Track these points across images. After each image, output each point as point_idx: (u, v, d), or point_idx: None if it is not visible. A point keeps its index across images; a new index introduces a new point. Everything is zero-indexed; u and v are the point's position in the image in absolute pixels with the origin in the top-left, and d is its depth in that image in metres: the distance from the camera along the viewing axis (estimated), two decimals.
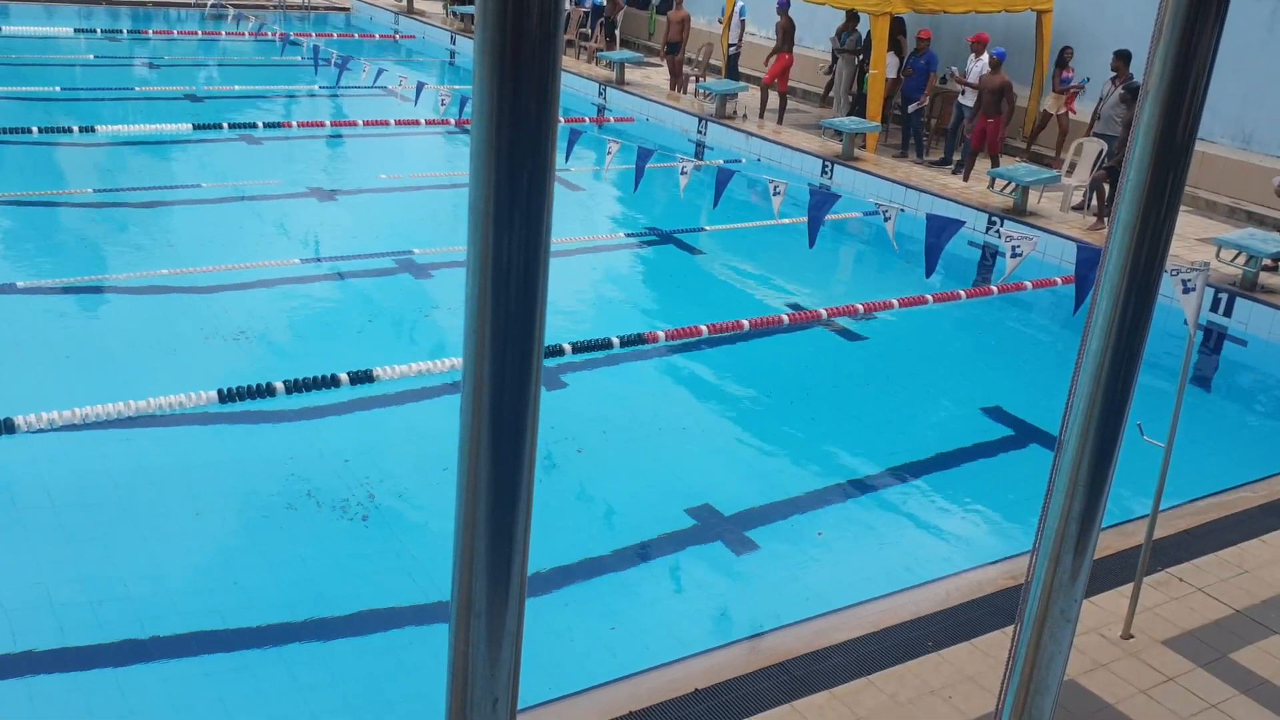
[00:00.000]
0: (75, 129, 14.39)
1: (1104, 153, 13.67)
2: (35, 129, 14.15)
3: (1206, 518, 7.09)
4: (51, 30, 21.55)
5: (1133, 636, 5.72)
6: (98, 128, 14.60)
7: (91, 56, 19.93)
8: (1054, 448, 1.69)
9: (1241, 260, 11.49)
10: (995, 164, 14.95)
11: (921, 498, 7.56)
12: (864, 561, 6.75)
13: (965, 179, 14.93)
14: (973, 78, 15.24)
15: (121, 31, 22.74)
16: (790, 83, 19.30)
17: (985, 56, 15.09)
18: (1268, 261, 11.57)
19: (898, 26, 16.39)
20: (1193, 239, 12.85)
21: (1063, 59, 15.85)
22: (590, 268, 11.61)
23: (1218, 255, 11.73)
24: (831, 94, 18.34)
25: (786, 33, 17.75)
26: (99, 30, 22.32)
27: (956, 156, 15.78)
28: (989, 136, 14.89)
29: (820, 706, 5.02)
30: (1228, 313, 11.26)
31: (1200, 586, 6.26)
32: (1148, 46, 1.53)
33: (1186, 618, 5.96)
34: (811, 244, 8.85)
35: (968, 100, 15.35)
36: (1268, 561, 6.59)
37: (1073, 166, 14.18)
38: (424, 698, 5.19)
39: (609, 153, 11.17)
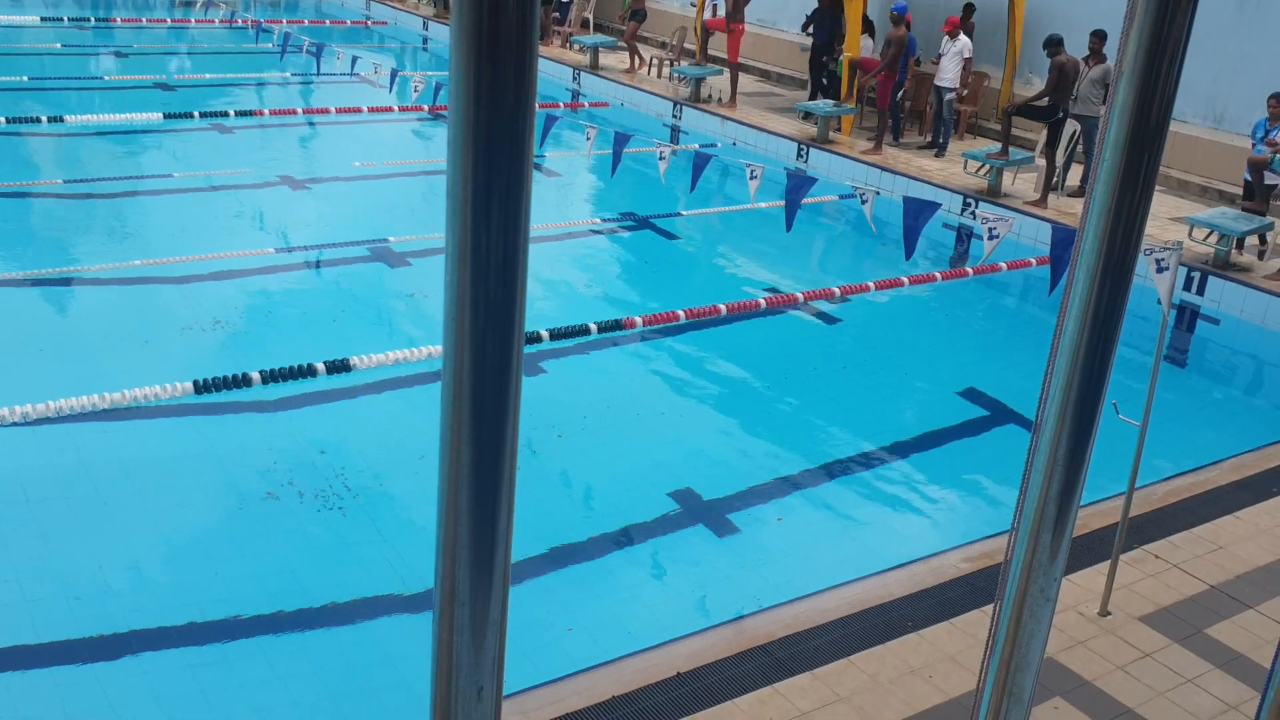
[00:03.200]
0: (44, 119, 14.23)
1: (1078, 133, 13.73)
2: (3, 119, 13.97)
3: (1182, 495, 7.16)
4: (18, 19, 21.27)
5: (1110, 613, 5.78)
6: (66, 117, 14.45)
7: (59, 45, 19.69)
8: (1031, 428, 1.71)
9: (1214, 239, 11.58)
10: (881, 120, 15.34)
11: (900, 479, 7.60)
12: (844, 543, 6.79)
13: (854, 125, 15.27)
14: (946, 60, 15.28)
15: (89, 20, 22.48)
16: (766, 66, 19.28)
17: (961, 38, 15.14)
18: (1254, 240, 11.66)
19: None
20: (1165, 218, 12.94)
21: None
22: (567, 254, 11.59)
23: (1190, 234, 11.81)
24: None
25: (736, 4, 17.48)
26: (66, 19, 22.05)
27: (895, 134, 15.87)
28: (883, 90, 15.32)
29: (802, 688, 5.05)
30: (1200, 291, 11.35)
31: (1176, 563, 6.33)
32: (1121, 26, 1.53)
33: (1163, 594, 6.02)
34: (789, 228, 8.86)
35: (945, 80, 15.37)
36: (1242, 537, 6.66)
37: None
38: (408, 687, 5.19)
39: (588, 138, 11.14)
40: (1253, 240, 12.05)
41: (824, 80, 17.26)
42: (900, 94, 15.92)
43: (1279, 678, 2.10)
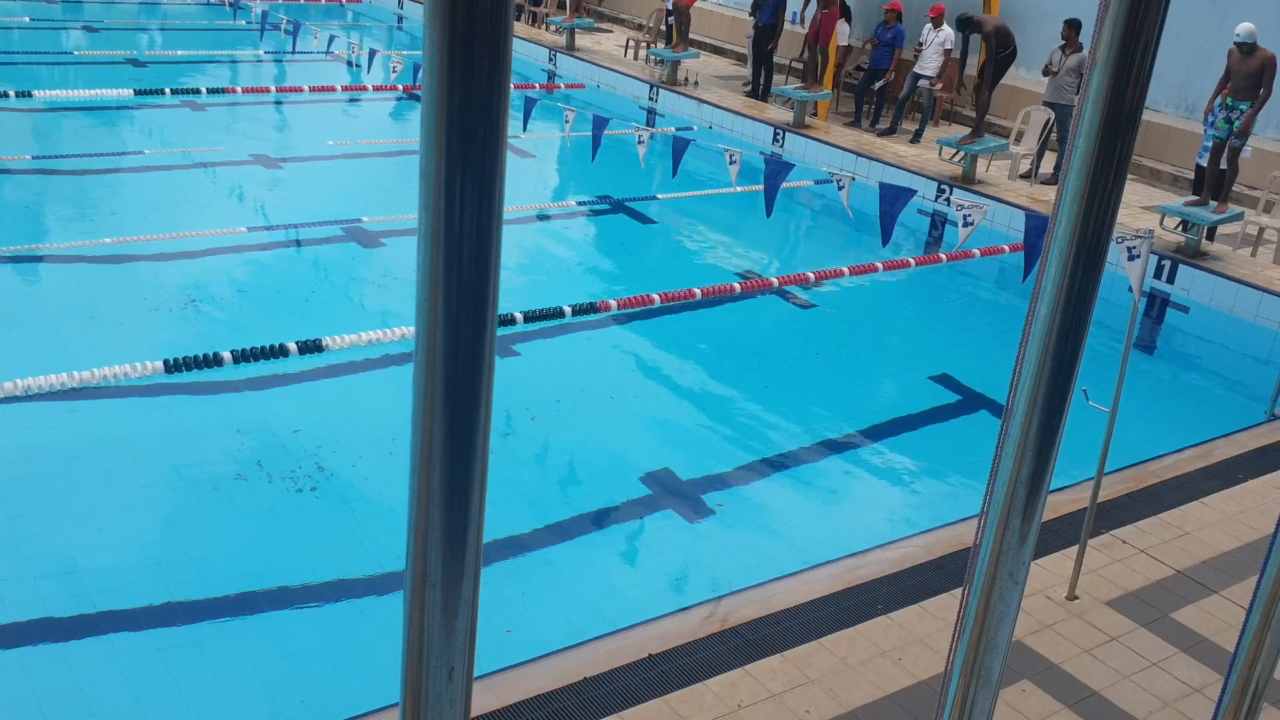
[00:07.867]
0: (12, 94, 14.02)
1: (1052, 121, 13.79)
2: None
3: (1149, 481, 7.23)
4: None
5: (1077, 598, 5.84)
6: (35, 93, 14.24)
7: (27, 19, 19.41)
8: (1002, 413, 1.72)
9: (1184, 228, 11.67)
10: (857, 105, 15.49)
11: (872, 464, 7.64)
12: (815, 526, 6.82)
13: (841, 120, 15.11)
14: (928, 50, 15.30)
15: None
16: (743, 50, 19.18)
17: (944, 29, 15.14)
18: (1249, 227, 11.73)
19: None
20: (1137, 207, 13.03)
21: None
22: (541, 236, 11.56)
23: (1161, 223, 11.90)
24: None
25: None
26: None
27: (875, 123, 15.88)
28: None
29: (773, 669, 5.08)
30: (1170, 279, 11.44)
31: (1143, 548, 6.40)
32: (1095, 15, 1.54)
33: (1129, 579, 6.08)
34: (769, 213, 8.87)
35: (926, 70, 15.40)
36: (1207, 523, 6.74)
37: (1020, 135, 14.31)
38: (378, 668, 5.18)
39: (566, 121, 11.09)
40: (1232, 229, 12.08)
41: (763, 66, 17.04)
42: (880, 83, 15.88)
43: (1242, 661, 2.13)
